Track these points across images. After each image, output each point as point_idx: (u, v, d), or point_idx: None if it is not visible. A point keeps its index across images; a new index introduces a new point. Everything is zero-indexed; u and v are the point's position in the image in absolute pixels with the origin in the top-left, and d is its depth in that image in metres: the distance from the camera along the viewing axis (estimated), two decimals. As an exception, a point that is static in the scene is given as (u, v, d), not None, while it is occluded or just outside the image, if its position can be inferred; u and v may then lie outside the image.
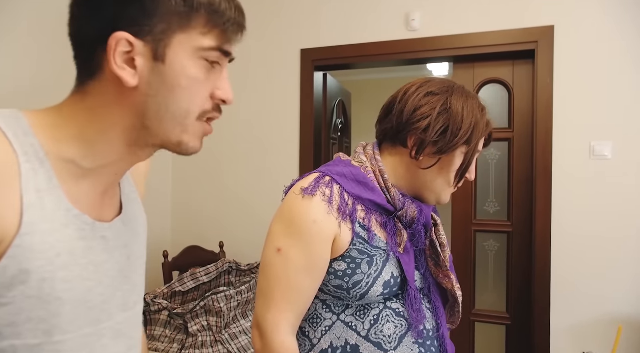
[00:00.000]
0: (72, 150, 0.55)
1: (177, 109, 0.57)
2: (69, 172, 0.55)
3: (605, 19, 2.15)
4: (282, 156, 2.69)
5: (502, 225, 2.46)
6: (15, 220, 0.49)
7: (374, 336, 0.92)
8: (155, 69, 0.55)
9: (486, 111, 0.97)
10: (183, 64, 0.56)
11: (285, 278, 0.89)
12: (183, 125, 0.58)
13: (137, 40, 0.53)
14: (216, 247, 2.66)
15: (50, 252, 0.51)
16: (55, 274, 0.52)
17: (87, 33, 0.55)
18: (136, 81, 0.54)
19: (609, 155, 2.14)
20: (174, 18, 0.54)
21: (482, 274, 2.52)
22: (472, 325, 2.50)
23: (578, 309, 2.18)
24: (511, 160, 2.42)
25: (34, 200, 0.51)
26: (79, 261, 0.55)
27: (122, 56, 0.53)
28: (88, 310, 0.56)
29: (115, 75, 0.54)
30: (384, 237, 0.94)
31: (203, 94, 0.58)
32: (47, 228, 0.51)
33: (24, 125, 0.53)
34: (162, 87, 0.56)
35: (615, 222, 2.13)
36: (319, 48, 2.61)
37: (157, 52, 0.55)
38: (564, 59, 2.21)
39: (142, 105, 0.56)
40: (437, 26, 2.40)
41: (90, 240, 0.57)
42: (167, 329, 2.18)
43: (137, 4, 0.53)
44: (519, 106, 2.40)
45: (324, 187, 0.90)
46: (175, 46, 0.55)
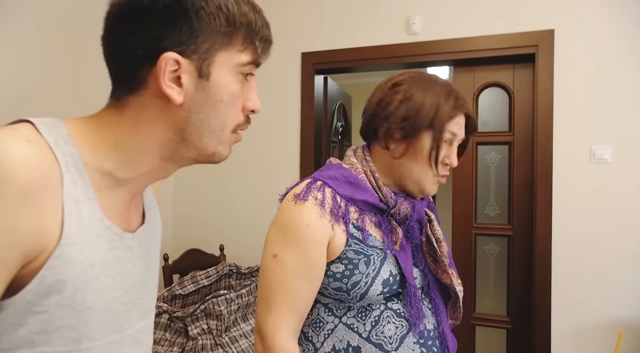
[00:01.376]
0: (109, 161, 0.57)
1: (216, 123, 0.59)
2: (104, 183, 0.56)
3: (605, 23, 2.15)
4: (282, 159, 2.70)
5: (502, 228, 2.45)
6: (57, 231, 0.50)
7: (375, 337, 0.92)
8: (200, 86, 0.57)
9: (454, 96, 0.98)
10: (225, 80, 0.59)
11: (283, 283, 0.90)
12: (220, 137, 0.61)
13: (184, 59, 0.55)
14: (216, 250, 2.66)
15: (85, 262, 0.53)
16: (88, 284, 0.53)
17: (132, 51, 0.55)
18: (182, 98, 0.56)
19: (609, 158, 2.14)
20: (217, 37, 0.57)
21: (482, 278, 2.52)
22: (472, 328, 2.50)
23: (578, 313, 2.17)
24: (511, 164, 2.43)
25: (73, 211, 0.52)
26: (108, 271, 0.56)
27: (169, 75, 0.55)
28: (113, 319, 0.58)
29: (160, 92, 0.55)
30: (380, 236, 0.95)
31: (239, 106, 0.62)
32: (83, 239, 0.52)
33: (64, 133, 0.54)
34: (205, 103, 0.58)
35: (615, 225, 2.13)
36: (320, 51, 2.61)
37: (201, 69, 0.57)
38: (564, 62, 2.21)
39: (185, 121, 0.58)
40: (437, 30, 2.41)
41: (118, 250, 0.58)
42: (167, 332, 2.18)
43: (185, 24, 0.55)
44: (519, 110, 2.40)
45: (316, 191, 0.92)
46: (217, 63, 0.58)
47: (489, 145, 2.49)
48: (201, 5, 0.55)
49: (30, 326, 0.50)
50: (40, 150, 0.50)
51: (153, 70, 0.55)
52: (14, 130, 0.51)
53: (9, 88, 1.99)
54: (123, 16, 0.56)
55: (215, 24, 0.56)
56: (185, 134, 0.59)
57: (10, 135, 0.49)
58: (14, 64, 2.01)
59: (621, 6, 2.14)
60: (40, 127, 0.52)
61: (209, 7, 0.56)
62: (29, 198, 0.48)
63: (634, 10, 2.12)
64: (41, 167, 0.49)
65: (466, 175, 2.50)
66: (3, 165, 0.46)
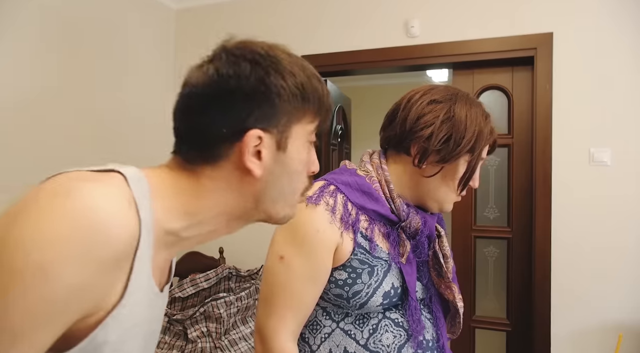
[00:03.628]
0: (178, 221, 0.57)
1: (289, 189, 0.62)
2: (163, 241, 0.56)
3: (604, 26, 2.16)
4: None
5: (502, 231, 2.45)
6: (121, 290, 0.50)
7: (372, 345, 0.92)
8: (277, 158, 0.59)
9: (490, 119, 0.97)
10: (299, 151, 0.62)
11: (287, 286, 0.90)
12: (291, 202, 0.64)
13: (266, 135, 0.58)
14: (216, 253, 2.66)
15: (130, 323, 0.52)
16: (123, 345, 0.52)
17: (215, 129, 0.57)
18: (262, 171, 0.58)
19: (608, 161, 2.14)
20: (293, 111, 0.60)
21: (482, 280, 2.52)
22: (472, 331, 2.49)
23: (578, 316, 2.17)
24: (511, 166, 2.43)
25: (137, 270, 0.51)
26: (143, 331, 0.56)
27: (252, 150, 0.57)
28: None
29: (240, 165, 0.57)
30: (386, 247, 0.94)
31: (306, 172, 0.65)
32: (136, 300, 0.52)
33: (145, 189, 0.54)
34: (283, 174, 0.61)
35: (615, 227, 2.13)
36: (319, 54, 2.62)
37: (280, 143, 0.59)
38: (563, 65, 2.22)
39: (261, 191, 0.60)
40: (436, 32, 2.41)
41: (153, 309, 0.58)
42: (167, 335, 2.17)
43: (268, 103, 0.57)
44: (518, 112, 2.41)
45: (328, 196, 0.91)
46: (294, 137, 0.61)
47: (488, 147, 2.49)
48: (282, 85, 0.58)
49: None
50: (134, 210, 0.50)
51: (236, 145, 0.57)
52: (113, 185, 0.50)
53: (8, 93, 1.99)
54: (207, 97, 0.57)
55: (293, 102, 0.59)
56: (259, 202, 0.61)
57: (112, 194, 0.48)
58: (13, 69, 2.01)
59: (620, 9, 2.14)
60: (130, 181, 0.52)
61: (288, 87, 0.58)
62: (117, 262, 0.48)
63: (633, 13, 2.13)
64: (134, 228, 0.49)
65: (465, 177, 2.50)
66: (106, 226, 0.45)
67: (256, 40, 0.61)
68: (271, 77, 0.57)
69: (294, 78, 0.59)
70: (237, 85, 0.56)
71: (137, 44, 2.68)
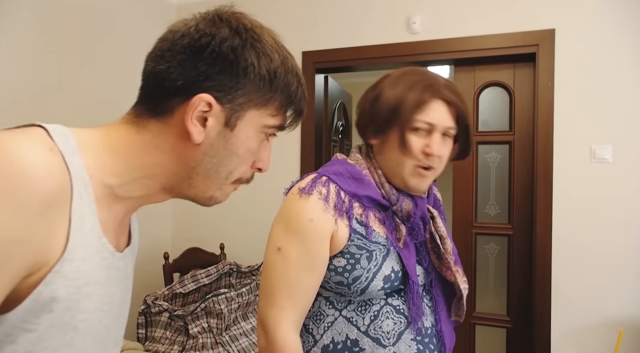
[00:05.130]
0: (113, 177, 0.56)
1: (224, 171, 0.61)
2: (105, 198, 0.55)
3: (606, 23, 2.15)
4: (282, 158, 2.70)
5: (502, 228, 2.46)
6: (61, 245, 0.49)
7: (373, 331, 0.93)
8: (222, 133, 0.58)
9: (423, 84, 0.97)
10: (248, 136, 0.60)
11: (286, 276, 0.91)
12: (222, 184, 0.62)
13: (217, 105, 0.56)
14: (217, 249, 2.66)
15: (80, 280, 0.51)
16: (78, 303, 0.51)
17: (173, 80, 0.56)
18: (201, 139, 0.57)
19: (610, 158, 2.14)
20: (255, 95, 0.58)
21: (482, 277, 2.52)
22: (472, 327, 2.50)
23: (579, 312, 2.17)
24: (512, 163, 2.43)
25: (79, 225, 0.50)
26: (98, 291, 0.54)
27: (197, 113, 0.56)
28: (93, 343, 0.55)
29: (183, 125, 0.56)
30: (384, 232, 0.96)
31: (249, 162, 0.63)
32: (83, 256, 0.51)
33: (72, 143, 0.52)
34: (222, 151, 0.59)
35: (616, 224, 2.13)
36: (320, 50, 2.61)
37: (229, 119, 0.58)
38: (565, 62, 2.21)
39: (196, 161, 0.59)
40: (438, 29, 2.41)
41: (109, 270, 0.57)
42: (168, 331, 2.18)
43: (231, 74, 0.56)
44: (520, 109, 2.40)
45: (321, 186, 0.94)
46: (246, 119, 0.59)
47: (490, 144, 2.49)
48: (252, 62, 0.57)
49: (18, 345, 0.48)
50: (58, 159, 0.49)
51: (184, 103, 0.56)
52: (32, 135, 0.49)
53: (8, 91, 1.99)
54: (177, 45, 0.56)
55: (258, 85, 0.58)
56: (193, 173, 0.59)
57: (31, 141, 0.48)
58: (13, 67, 2.01)
59: (622, 5, 2.13)
60: (52, 134, 0.51)
61: (258, 68, 0.57)
62: (48, 209, 0.46)
63: (635, 9, 2.12)
64: (61, 177, 0.48)
65: (466, 174, 2.50)
66: (27, 171, 0.45)
67: (251, 17, 0.61)
68: (245, 50, 0.57)
69: (268, 62, 0.58)
70: (208, 44, 0.56)
71: (138, 40, 2.67)
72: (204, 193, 0.62)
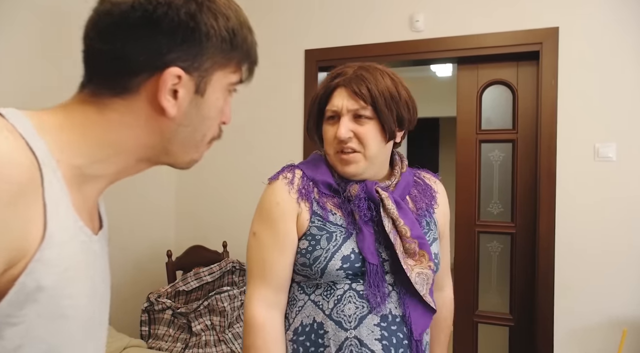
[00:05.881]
0: (81, 156, 0.54)
1: (199, 135, 0.61)
2: (74, 179, 0.53)
3: (610, 21, 2.14)
4: (285, 156, 2.69)
5: (505, 226, 2.45)
6: (40, 233, 0.47)
7: (335, 315, 0.97)
8: (194, 101, 0.57)
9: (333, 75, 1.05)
10: (217, 97, 0.60)
11: (259, 257, 1.01)
12: (198, 148, 0.62)
13: (185, 75, 0.55)
14: (219, 247, 2.67)
15: (62, 266, 0.49)
16: (62, 290, 0.49)
17: (133, 58, 0.54)
18: (176, 112, 0.56)
19: (614, 156, 2.13)
20: (218, 57, 0.58)
21: (485, 275, 2.52)
22: (474, 326, 2.50)
23: (582, 311, 2.17)
24: (515, 162, 2.42)
25: (54, 210, 0.48)
26: (81, 276, 0.53)
27: (168, 88, 0.55)
28: (81, 329, 0.54)
29: (154, 101, 0.55)
30: (342, 216, 1.02)
31: (219, 121, 0.63)
32: (61, 241, 0.49)
33: (29, 126, 0.50)
34: (195, 118, 0.59)
35: (619, 223, 2.12)
36: (323, 48, 2.61)
37: (199, 86, 0.57)
38: (569, 60, 2.20)
39: (171, 132, 0.58)
40: (441, 27, 2.40)
41: (88, 254, 0.55)
42: (171, 328, 2.19)
43: (194, 41, 0.55)
44: (523, 107, 2.40)
45: (287, 171, 1.04)
46: (213, 82, 0.59)
47: (493, 142, 2.48)
48: (212, 25, 0.56)
49: (6, 341, 0.46)
50: (22, 145, 0.47)
51: (151, 79, 0.54)
52: None
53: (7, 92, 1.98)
54: (130, 19, 0.53)
55: (220, 46, 0.57)
56: (170, 144, 0.59)
57: None
58: (13, 66, 2.01)
59: (626, 3, 2.12)
60: (9, 118, 0.48)
61: (219, 29, 0.56)
62: (21, 199, 0.44)
63: (638, 7, 2.11)
64: (27, 163, 0.46)
65: (469, 172, 2.49)
66: None
67: None
68: (203, 14, 0.55)
69: (226, 21, 0.57)
70: (166, 14, 0.53)
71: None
72: (183, 159, 0.62)
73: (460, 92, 2.51)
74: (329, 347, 0.96)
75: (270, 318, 0.98)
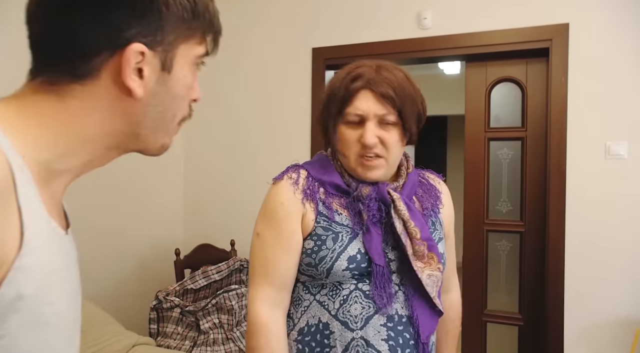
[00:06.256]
0: (46, 151, 0.50)
1: (169, 116, 0.57)
2: (42, 177, 0.49)
3: (621, 16, 2.11)
4: (293, 155, 2.68)
5: (514, 225, 2.43)
6: (17, 239, 0.43)
7: (341, 315, 0.97)
8: (161, 79, 0.54)
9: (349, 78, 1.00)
10: (184, 73, 0.56)
11: (262, 257, 1.01)
12: (169, 130, 0.58)
13: (149, 51, 0.52)
14: (227, 245, 2.68)
15: (42, 271, 0.46)
16: (43, 298, 0.46)
17: (89, 38, 0.50)
18: (143, 91, 0.52)
19: (625, 154, 2.11)
20: (181, 28, 0.54)
21: (494, 274, 2.50)
22: (483, 325, 2.48)
23: (592, 310, 2.15)
24: (524, 160, 2.40)
25: (29, 213, 0.45)
26: (59, 280, 0.50)
27: (132, 66, 0.51)
28: (63, 335, 0.52)
29: (116, 83, 0.51)
30: (348, 216, 1.01)
31: (189, 98, 0.59)
32: (39, 245, 0.46)
33: None
34: (164, 97, 0.55)
35: (631, 222, 2.10)
36: (331, 47, 2.60)
37: (165, 62, 0.54)
38: (579, 57, 2.17)
39: (140, 114, 0.54)
40: (449, 24, 2.38)
41: (63, 255, 0.52)
42: (179, 326, 2.20)
43: (153, 13, 0.51)
44: (533, 105, 2.37)
45: (292, 172, 1.04)
46: (179, 56, 0.55)
47: (501, 141, 2.46)
48: None
49: None
50: None
51: (112, 59, 0.51)
52: None
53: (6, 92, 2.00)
54: None
55: (182, 16, 0.53)
56: (139, 128, 0.55)
57: None
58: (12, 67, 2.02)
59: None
60: None
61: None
62: None
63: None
64: (2, 166, 0.43)
65: (478, 171, 2.48)
66: None
67: None
68: None
69: None
70: None
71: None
72: (154, 144, 0.58)
73: (468, 90, 2.49)
74: (335, 347, 0.96)
75: (273, 317, 0.98)
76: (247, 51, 2.79)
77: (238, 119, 2.84)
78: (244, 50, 2.79)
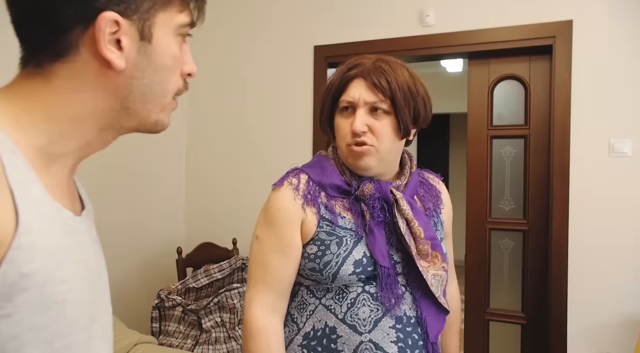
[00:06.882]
0: (40, 136, 0.50)
1: (159, 88, 0.56)
2: (39, 161, 0.50)
3: (625, 13, 2.10)
4: (294, 153, 2.69)
5: (517, 223, 2.42)
6: (11, 220, 0.44)
7: (349, 319, 0.95)
8: (142, 49, 0.53)
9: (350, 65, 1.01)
10: (168, 43, 0.55)
11: (260, 261, 1.00)
12: (162, 104, 0.57)
13: (124, 20, 0.50)
14: (229, 244, 2.68)
15: (47, 250, 0.47)
16: (53, 275, 0.48)
17: (58, 12, 0.49)
18: (123, 63, 0.51)
19: (629, 152, 2.09)
20: None
21: (497, 273, 2.49)
22: (486, 324, 2.48)
23: (596, 309, 2.14)
24: (527, 158, 2.39)
25: (23, 194, 0.46)
26: (71, 259, 0.51)
27: (108, 37, 0.50)
28: (83, 311, 0.53)
29: (96, 56, 0.51)
30: (352, 219, 0.99)
31: (179, 70, 0.58)
32: (41, 226, 0.47)
33: None
34: (148, 68, 0.54)
35: (634, 220, 2.08)
36: (332, 44, 2.59)
37: (143, 31, 0.52)
38: (583, 54, 2.16)
39: (126, 88, 0.53)
40: (451, 22, 2.37)
41: (75, 236, 0.53)
42: (181, 325, 2.20)
43: None
44: (536, 103, 2.36)
45: (292, 177, 1.02)
46: (158, 24, 0.54)
47: (504, 138, 2.45)
48: None
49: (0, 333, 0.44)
50: None
51: (87, 32, 0.50)
52: None
53: None
54: None
55: None
56: (128, 102, 0.54)
57: None
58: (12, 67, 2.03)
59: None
60: None
61: None
62: None
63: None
64: None
65: (481, 169, 2.47)
66: None
67: None
68: None
69: None
70: None
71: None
72: (148, 119, 0.57)
73: (471, 88, 2.48)
74: (343, 351, 0.94)
75: (271, 324, 0.97)
76: (249, 49, 2.78)
77: (240, 117, 2.84)
78: (246, 48, 2.78)
